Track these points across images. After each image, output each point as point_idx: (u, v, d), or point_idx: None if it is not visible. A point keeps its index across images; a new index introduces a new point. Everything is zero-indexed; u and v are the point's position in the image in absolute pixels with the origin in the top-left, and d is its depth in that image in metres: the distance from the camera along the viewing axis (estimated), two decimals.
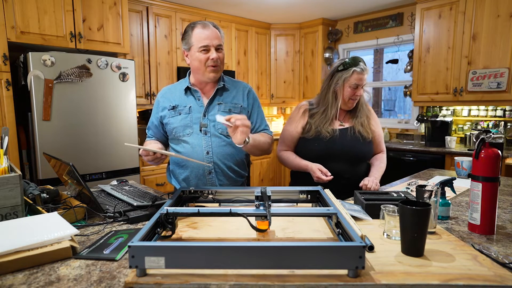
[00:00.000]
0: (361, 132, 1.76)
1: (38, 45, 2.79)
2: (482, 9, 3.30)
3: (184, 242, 0.88)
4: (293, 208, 1.20)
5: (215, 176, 1.60)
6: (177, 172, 1.66)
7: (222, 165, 1.60)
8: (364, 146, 1.77)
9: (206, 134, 1.58)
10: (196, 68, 1.56)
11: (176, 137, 1.62)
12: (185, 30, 1.60)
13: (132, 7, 3.60)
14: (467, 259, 0.87)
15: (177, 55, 4.02)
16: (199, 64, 1.54)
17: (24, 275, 0.83)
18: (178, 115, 1.61)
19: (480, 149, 1.11)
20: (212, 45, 1.53)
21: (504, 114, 3.51)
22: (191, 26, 1.57)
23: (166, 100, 1.65)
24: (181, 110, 1.61)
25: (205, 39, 1.52)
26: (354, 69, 1.69)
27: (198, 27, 1.54)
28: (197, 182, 1.61)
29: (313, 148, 1.75)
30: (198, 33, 1.53)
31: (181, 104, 1.62)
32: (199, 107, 1.61)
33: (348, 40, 4.78)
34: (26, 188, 1.34)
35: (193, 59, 1.56)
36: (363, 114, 1.81)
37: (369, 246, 0.90)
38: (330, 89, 1.76)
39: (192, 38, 1.54)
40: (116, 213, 1.25)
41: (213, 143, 1.58)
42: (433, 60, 3.68)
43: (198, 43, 1.52)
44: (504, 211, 1.35)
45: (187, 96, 1.64)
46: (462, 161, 2.01)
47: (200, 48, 1.52)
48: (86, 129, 2.92)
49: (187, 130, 1.59)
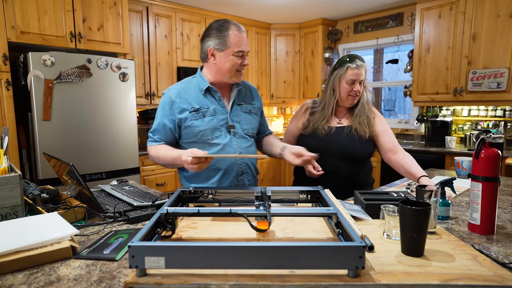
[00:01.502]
0: (358, 130, 1.75)
1: (38, 45, 2.79)
2: (482, 9, 3.30)
3: (184, 242, 0.88)
4: (293, 208, 1.20)
5: (246, 177, 1.60)
6: (205, 175, 1.57)
7: (251, 165, 1.62)
8: (359, 144, 1.75)
9: (235, 135, 1.56)
10: (225, 70, 1.51)
11: (202, 140, 1.53)
12: (216, 28, 1.50)
13: (132, 7, 3.60)
14: (467, 259, 0.87)
15: (177, 55, 4.02)
16: (230, 67, 1.50)
17: (24, 275, 0.83)
18: (202, 117, 1.53)
19: (480, 149, 1.11)
20: (246, 51, 1.51)
21: (504, 114, 3.51)
22: (225, 27, 1.49)
23: (183, 101, 1.54)
24: (205, 112, 1.53)
25: (243, 45, 1.49)
26: (348, 65, 1.72)
27: (234, 29, 1.48)
28: (229, 184, 1.57)
29: (309, 144, 1.74)
30: (236, 35, 1.48)
31: (203, 105, 1.54)
32: (221, 108, 1.56)
33: (348, 40, 4.78)
34: (26, 188, 1.34)
35: (226, 61, 1.49)
36: (362, 114, 1.80)
37: (369, 246, 0.90)
38: (329, 86, 1.80)
39: (230, 40, 1.47)
40: (116, 213, 1.25)
41: (243, 144, 1.57)
42: (433, 60, 3.68)
43: (235, 47, 1.48)
44: (504, 211, 1.35)
45: (205, 97, 1.56)
46: (462, 161, 2.01)
47: (236, 52, 1.48)
48: (86, 129, 2.92)
49: (216, 132, 1.53)
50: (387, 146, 1.78)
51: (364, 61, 1.76)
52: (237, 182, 1.58)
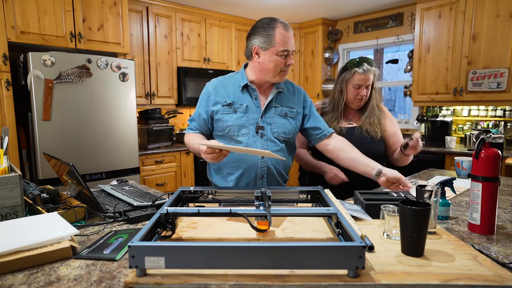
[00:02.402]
0: (369, 131, 1.79)
1: (38, 45, 2.79)
2: (482, 9, 3.30)
3: (184, 242, 0.88)
4: (293, 208, 1.20)
5: (266, 181, 1.55)
6: (226, 170, 1.56)
7: (273, 169, 1.56)
8: (372, 144, 1.78)
9: (263, 137, 1.52)
10: (269, 69, 1.48)
11: (228, 135, 1.52)
12: (262, 26, 1.47)
13: (132, 7, 3.60)
14: (467, 259, 0.87)
15: (177, 55, 4.02)
16: (275, 67, 1.47)
17: (24, 275, 0.83)
18: (233, 112, 1.51)
19: (480, 149, 1.11)
20: (291, 50, 1.47)
21: (504, 114, 3.51)
22: (272, 25, 1.45)
23: (219, 94, 1.54)
24: (237, 108, 1.52)
25: (289, 44, 1.45)
26: (355, 69, 1.74)
27: (281, 28, 1.44)
28: (247, 184, 1.54)
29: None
30: (282, 34, 1.44)
31: (237, 101, 1.53)
32: (255, 107, 1.53)
33: (348, 40, 4.78)
34: (26, 188, 1.34)
35: (270, 60, 1.46)
36: (373, 115, 1.83)
37: (369, 246, 0.90)
38: (336, 88, 1.83)
39: (275, 39, 1.44)
40: (116, 213, 1.25)
41: (269, 147, 1.52)
42: (433, 60, 3.68)
43: (280, 46, 1.44)
44: (504, 211, 1.35)
45: (242, 93, 1.54)
46: (462, 161, 2.01)
47: (281, 51, 1.45)
48: (86, 129, 2.92)
49: (243, 130, 1.51)
50: (395, 149, 1.85)
51: (374, 64, 1.76)
52: (255, 186, 1.53)
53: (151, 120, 3.72)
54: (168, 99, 4.00)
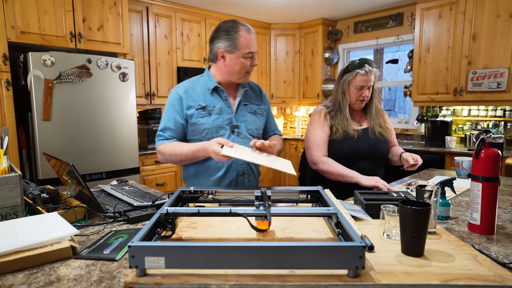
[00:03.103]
0: (382, 133, 1.83)
1: (38, 45, 2.79)
2: (482, 9, 3.30)
3: (184, 242, 0.88)
4: (293, 208, 1.20)
5: (247, 177, 1.61)
6: (209, 172, 1.58)
7: (252, 166, 1.63)
8: (386, 145, 1.86)
9: (239, 135, 1.58)
10: (235, 71, 1.54)
11: (206, 138, 1.54)
12: (225, 30, 1.52)
13: (132, 7, 3.60)
14: (467, 259, 0.87)
15: (177, 55, 4.02)
16: (240, 69, 1.53)
17: (24, 275, 0.83)
18: (208, 115, 1.55)
19: (480, 149, 1.11)
20: (255, 51, 1.54)
21: (504, 114, 3.51)
22: (235, 29, 1.51)
23: (190, 98, 1.57)
24: (211, 110, 1.56)
25: (252, 46, 1.53)
26: (357, 71, 1.75)
27: (244, 31, 1.51)
28: (230, 182, 1.58)
29: (342, 149, 1.78)
30: (246, 38, 1.51)
31: (210, 104, 1.57)
32: (227, 108, 1.58)
33: (348, 40, 4.78)
34: (26, 188, 1.34)
35: (235, 63, 1.52)
36: (379, 115, 1.87)
37: (369, 246, 0.90)
38: (339, 90, 1.83)
39: (239, 42, 1.50)
40: (116, 213, 1.25)
41: (246, 144, 1.56)
42: (433, 60, 3.68)
43: (245, 48, 1.51)
44: (504, 211, 1.35)
45: (212, 95, 1.58)
46: (462, 161, 2.01)
47: (246, 54, 1.51)
48: (86, 129, 2.92)
49: (221, 131, 1.55)
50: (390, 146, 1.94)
51: (374, 65, 1.77)
52: (237, 182, 1.59)
53: (151, 120, 3.72)
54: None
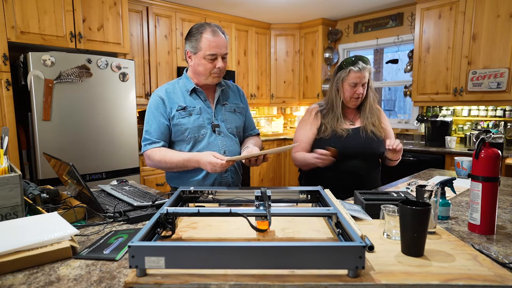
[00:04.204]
0: (374, 132, 1.80)
1: (38, 45, 2.79)
2: (482, 9, 3.30)
3: (184, 242, 0.88)
4: (293, 208, 1.20)
5: (230, 175, 1.64)
6: (191, 174, 1.60)
7: (235, 163, 1.66)
8: (378, 145, 1.80)
9: (220, 134, 1.61)
10: (200, 72, 1.56)
11: (188, 138, 1.57)
12: (192, 31, 1.55)
13: (132, 7, 3.60)
14: (467, 259, 0.87)
15: (177, 55, 4.02)
16: (204, 70, 1.54)
17: (24, 275, 0.83)
18: (189, 116, 1.57)
19: (480, 149, 1.11)
20: (219, 54, 1.52)
21: (504, 114, 3.51)
22: (200, 30, 1.52)
23: (171, 100, 1.59)
24: (191, 110, 1.58)
25: (215, 48, 1.50)
26: (351, 68, 1.73)
27: (208, 33, 1.50)
28: (213, 182, 1.61)
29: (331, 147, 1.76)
30: (208, 39, 1.49)
31: (190, 104, 1.59)
32: (207, 108, 1.61)
33: (348, 40, 4.78)
34: (26, 188, 1.34)
35: (199, 64, 1.54)
36: (373, 114, 1.83)
37: (369, 246, 0.90)
38: (333, 87, 1.81)
39: (201, 43, 1.50)
40: (116, 213, 1.25)
41: (227, 142, 1.62)
42: (433, 60, 3.68)
43: (206, 50, 1.50)
44: (504, 211, 1.35)
45: (191, 97, 1.61)
46: (462, 161, 2.01)
47: (208, 55, 1.50)
48: (86, 129, 2.92)
49: (202, 130, 1.58)
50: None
51: (369, 62, 1.76)
52: (221, 180, 1.62)
53: None
54: None
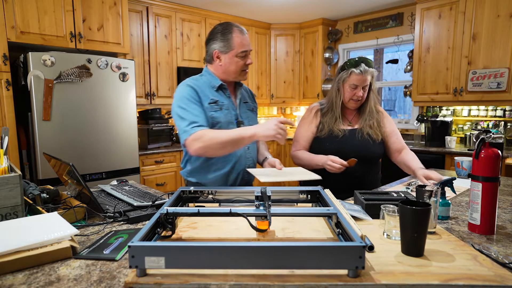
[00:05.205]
0: (370, 134, 1.79)
1: (38, 45, 2.79)
2: (482, 9, 3.30)
3: (184, 242, 0.88)
4: (293, 208, 1.20)
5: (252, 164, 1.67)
6: (215, 167, 1.59)
7: (255, 159, 1.72)
8: (374, 147, 1.79)
9: None
10: (231, 71, 1.59)
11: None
12: (219, 32, 1.57)
13: (132, 7, 3.60)
14: (467, 259, 0.87)
15: (177, 55, 4.02)
16: (236, 68, 1.58)
17: (24, 275, 0.83)
18: (220, 110, 1.58)
19: (480, 149, 1.11)
20: (249, 50, 1.59)
21: (504, 114, 3.51)
22: (229, 30, 1.56)
23: (202, 92, 1.57)
24: (222, 105, 1.59)
25: (246, 45, 1.57)
26: (352, 70, 1.72)
27: (237, 32, 1.56)
28: (237, 176, 1.62)
29: (326, 147, 1.77)
30: (240, 37, 1.55)
31: (219, 99, 1.60)
32: (232, 105, 1.64)
33: (348, 40, 4.78)
34: (26, 188, 1.34)
35: (231, 62, 1.57)
36: (372, 117, 1.82)
37: (369, 246, 0.90)
38: (334, 88, 1.81)
39: (233, 42, 1.55)
40: (116, 213, 1.25)
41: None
42: (433, 60, 3.68)
43: (239, 48, 1.55)
44: (504, 211, 1.35)
45: (218, 93, 1.62)
46: (462, 161, 2.01)
47: (240, 53, 1.56)
48: (86, 129, 2.92)
49: (231, 126, 1.59)
50: (396, 147, 1.85)
51: (373, 65, 1.74)
52: (242, 176, 1.64)
53: (151, 120, 3.72)
54: (168, 99, 4.00)
